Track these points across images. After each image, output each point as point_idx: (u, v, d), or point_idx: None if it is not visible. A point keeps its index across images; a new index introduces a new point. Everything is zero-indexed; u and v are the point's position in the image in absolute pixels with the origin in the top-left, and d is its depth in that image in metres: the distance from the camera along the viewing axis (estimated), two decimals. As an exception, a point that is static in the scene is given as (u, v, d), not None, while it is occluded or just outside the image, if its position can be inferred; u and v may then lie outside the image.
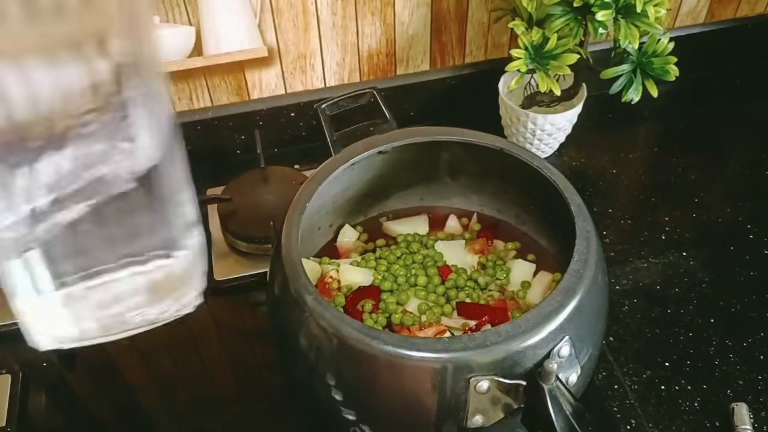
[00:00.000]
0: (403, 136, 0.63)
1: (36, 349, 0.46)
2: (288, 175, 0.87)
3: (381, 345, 0.46)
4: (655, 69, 0.77)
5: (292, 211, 0.56)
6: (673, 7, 1.01)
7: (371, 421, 0.50)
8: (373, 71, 0.95)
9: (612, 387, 0.68)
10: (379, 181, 0.69)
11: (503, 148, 0.61)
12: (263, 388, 0.71)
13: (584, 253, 0.51)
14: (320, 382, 0.50)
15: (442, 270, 0.64)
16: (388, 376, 0.47)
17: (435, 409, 0.47)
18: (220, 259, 0.81)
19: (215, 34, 0.84)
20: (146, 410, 0.69)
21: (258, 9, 0.84)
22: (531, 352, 0.46)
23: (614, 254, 0.80)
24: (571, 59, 0.77)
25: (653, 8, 0.73)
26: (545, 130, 0.88)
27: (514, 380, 0.45)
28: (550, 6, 0.76)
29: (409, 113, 1.00)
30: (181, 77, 0.88)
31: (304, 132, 0.97)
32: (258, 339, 0.75)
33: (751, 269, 0.79)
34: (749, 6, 1.04)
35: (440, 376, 0.45)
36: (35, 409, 0.69)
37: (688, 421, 0.65)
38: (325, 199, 0.65)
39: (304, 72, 0.92)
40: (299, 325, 0.50)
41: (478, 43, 0.97)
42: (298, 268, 0.51)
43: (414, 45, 0.94)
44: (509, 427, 0.49)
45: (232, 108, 0.93)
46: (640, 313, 0.74)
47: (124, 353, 0.74)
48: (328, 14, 0.87)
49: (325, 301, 0.49)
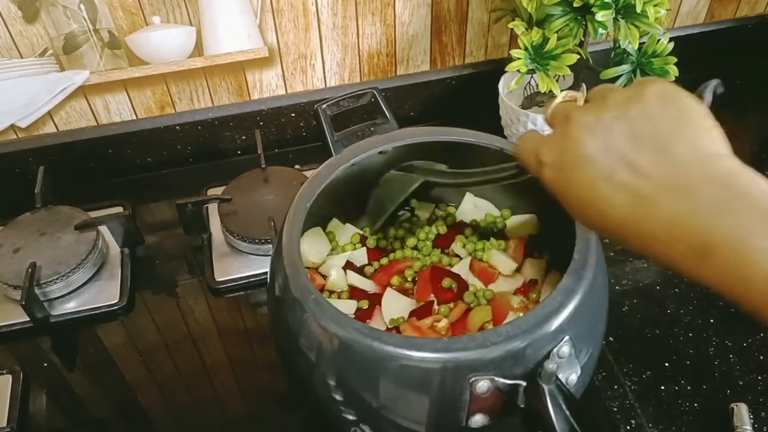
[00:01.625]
0: (403, 136, 0.63)
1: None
2: (288, 175, 0.88)
3: (381, 345, 0.46)
4: (654, 69, 0.77)
5: (292, 211, 0.56)
6: (673, 7, 1.01)
7: (371, 421, 0.50)
8: (373, 71, 0.95)
9: (612, 387, 0.68)
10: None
11: (503, 148, 0.61)
12: (263, 388, 0.71)
13: (584, 253, 0.51)
14: (320, 382, 0.50)
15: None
16: (388, 376, 0.47)
17: (435, 409, 0.47)
18: (220, 259, 0.81)
19: (216, 35, 0.84)
20: (146, 410, 0.69)
21: (258, 9, 0.84)
22: (531, 352, 0.46)
23: (614, 254, 0.80)
24: (570, 59, 0.77)
25: (653, 8, 0.73)
26: (545, 131, 0.88)
27: (514, 380, 0.45)
28: (550, 6, 0.76)
29: (410, 113, 1.00)
30: (182, 77, 0.88)
31: (304, 132, 0.97)
32: (258, 339, 0.75)
33: (751, 269, 0.79)
34: (749, 6, 1.04)
35: (440, 376, 0.45)
36: (36, 409, 0.69)
37: (688, 421, 0.65)
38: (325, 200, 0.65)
39: (305, 72, 0.92)
40: (300, 326, 0.50)
41: (478, 44, 0.97)
42: (298, 268, 0.51)
43: (414, 45, 0.94)
44: (509, 427, 0.49)
45: (233, 108, 0.93)
46: (640, 313, 0.74)
47: (124, 353, 0.74)
48: (329, 14, 0.87)
49: (326, 302, 0.49)
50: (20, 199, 0.83)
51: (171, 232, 0.86)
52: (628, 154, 0.37)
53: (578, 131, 0.39)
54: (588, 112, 0.40)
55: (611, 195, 0.37)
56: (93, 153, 0.91)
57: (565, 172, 0.39)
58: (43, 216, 0.82)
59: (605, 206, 0.37)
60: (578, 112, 0.40)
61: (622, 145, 0.37)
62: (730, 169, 0.35)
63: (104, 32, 0.81)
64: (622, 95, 0.39)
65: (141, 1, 0.79)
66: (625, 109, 0.38)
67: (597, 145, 0.38)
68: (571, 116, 0.40)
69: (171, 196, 0.87)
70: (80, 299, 0.78)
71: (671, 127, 0.37)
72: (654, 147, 0.36)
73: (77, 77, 0.84)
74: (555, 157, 0.40)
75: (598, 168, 0.37)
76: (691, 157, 0.35)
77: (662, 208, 0.35)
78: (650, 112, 0.38)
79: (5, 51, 0.79)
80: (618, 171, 0.37)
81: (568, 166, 0.39)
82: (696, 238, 0.33)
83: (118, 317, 0.77)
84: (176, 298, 0.79)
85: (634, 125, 0.38)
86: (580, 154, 0.38)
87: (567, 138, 0.40)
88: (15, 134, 0.88)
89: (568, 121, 0.40)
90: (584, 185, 0.38)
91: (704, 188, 0.34)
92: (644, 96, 0.38)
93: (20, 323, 0.75)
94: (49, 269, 0.76)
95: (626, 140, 0.37)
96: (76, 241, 0.79)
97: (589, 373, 0.54)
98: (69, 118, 0.88)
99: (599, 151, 0.38)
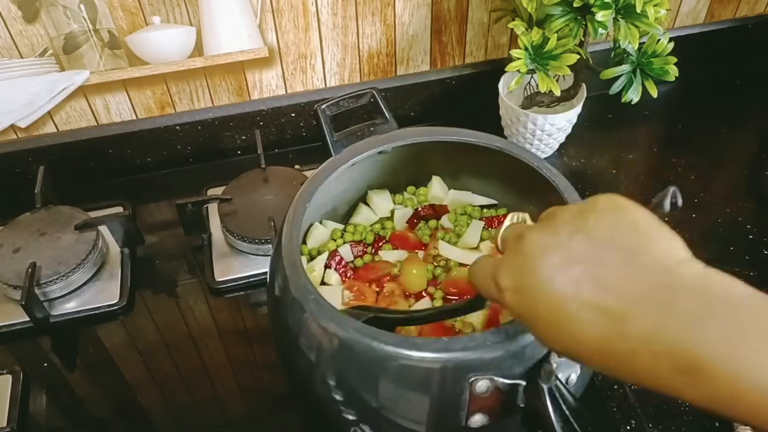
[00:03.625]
0: (403, 136, 0.63)
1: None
2: (288, 175, 0.88)
3: (381, 345, 0.46)
4: (654, 69, 0.77)
5: (292, 212, 0.56)
6: (673, 7, 1.01)
7: (371, 421, 0.50)
8: (373, 71, 0.95)
9: (612, 387, 0.68)
10: (380, 181, 0.69)
11: (503, 148, 0.61)
12: (263, 388, 0.71)
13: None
14: (320, 382, 0.50)
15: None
16: (388, 376, 0.47)
17: (435, 409, 0.47)
18: (220, 259, 0.81)
19: (216, 35, 0.84)
20: (146, 410, 0.69)
21: (258, 9, 0.84)
22: (530, 352, 0.46)
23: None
24: (570, 59, 0.77)
25: (653, 8, 0.73)
26: (545, 131, 0.88)
27: (513, 380, 0.45)
28: (550, 6, 0.76)
29: (410, 113, 1.00)
30: (182, 77, 0.88)
31: (304, 132, 0.97)
32: (258, 339, 0.75)
33: (751, 269, 0.79)
34: (749, 6, 1.04)
35: (440, 376, 0.45)
36: (36, 409, 0.69)
37: (688, 421, 0.65)
38: (325, 200, 0.66)
39: (305, 72, 0.93)
40: (299, 326, 0.50)
41: (478, 44, 0.97)
42: (298, 268, 0.51)
43: (414, 45, 0.94)
44: (509, 426, 0.49)
45: (233, 108, 0.93)
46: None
47: (124, 353, 0.74)
48: (329, 14, 0.87)
49: (326, 302, 0.49)
50: (20, 199, 0.83)
51: (171, 232, 0.86)
52: (591, 267, 0.34)
53: (535, 249, 0.37)
54: (543, 229, 0.38)
55: (580, 313, 0.34)
56: (93, 153, 0.91)
57: (528, 294, 0.36)
58: (43, 216, 0.82)
59: (576, 327, 0.34)
60: (531, 230, 0.38)
61: (582, 259, 0.35)
62: (699, 274, 0.33)
63: (104, 32, 0.81)
64: (575, 210, 0.38)
65: (141, 1, 0.79)
66: (581, 223, 0.36)
67: (557, 262, 0.35)
68: (524, 235, 0.38)
69: (171, 196, 0.87)
70: (80, 299, 0.78)
71: (631, 237, 0.35)
72: (616, 258, 0.34)
73: (77, 77, 0.84)
74: (515, 280, 0.38)
75: (561, 285, 0.35)
76: (656, 266, 0.33)
77: (637, 321, 0.32)
78: (607, 224, 0.36)
79: (5, 51, 0.79)
80: (583, 287, 0.34)
81: (530, 287, 0.36)
82: (680, 353, 0.30)
83: (118, 317, 0.77)
84: (176, 298, 0.79)
85: (593, 238, 0.35)
86: (540, 273, 0.36)
87: (524, 258, 0.37)
88: (15, 134, 0.88)
89: (522, 241, 0.38)
90: (550, 306, 0.35)
91: (678, 296, 0.32)
92: (597, 209, 0.37)
93: (20, 323, 0.75)
94: (49, 269, 0.76)
95: (586, 254, 0.35)
96: (76, 241, 0.79)
97: (589, 373, 0.54)
98: (69, 118, 0.88)
99: (560, 267, 0.35)
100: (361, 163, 0.62)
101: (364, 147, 0.62)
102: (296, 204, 0.57)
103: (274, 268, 0.55)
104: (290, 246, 0.53)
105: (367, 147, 0.62)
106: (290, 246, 0.53)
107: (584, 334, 0.34)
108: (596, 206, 0.37)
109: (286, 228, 0.55)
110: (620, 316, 0.33)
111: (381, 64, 0.95)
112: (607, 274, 0.34)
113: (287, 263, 0.52)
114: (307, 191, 0.58)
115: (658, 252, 0.34)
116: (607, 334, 0.33)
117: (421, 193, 0.70)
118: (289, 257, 0.52)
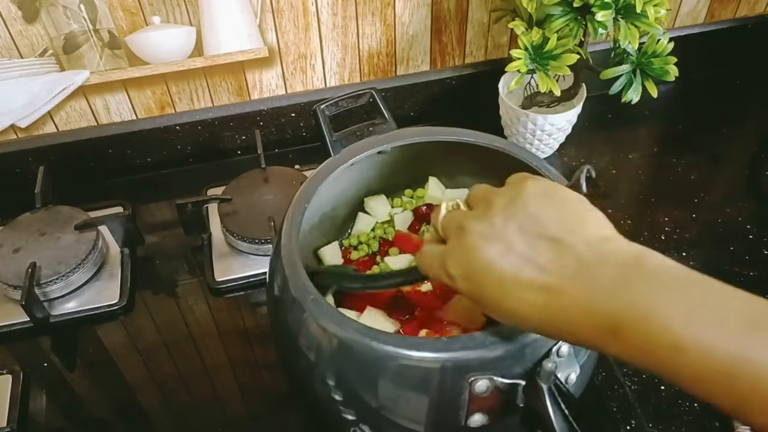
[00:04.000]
0: (402, 136, 0.63)
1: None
2: (288, 175, 0.88)
3: (381, 345, 0.46)
4: (654, 69, 0.77)
5: (292, 211, 0.56)
6: (673, 7, 1.01)
7: (371, 421, 0.50)
8: (373, 71, 0.95)
9: (612, 387, 0.68)
10: (379, 181, 0.69)
11: (503, 148, 0.61)
12: (263, 388, 0.71)
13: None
14: (320, 382, 0.50)
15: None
16: (387, 376, 0.47)
17: (434, 408, 0.47)
18: (220, 259, 0.81)
19: (216, 35, 0.84)
20: (146, 410, 0.69)
21: (258, 9, 0.84)
22: (530, 351, 0.46)
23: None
24: (570, 59, 0.77)
25: (653, 8, 0.73)
26: (545, 131, 0.88)
27: (513, 380, 0.45)
28: (550, 6, 0.76)
29: (409, 113, 1.00)
30: (182, 77, 0.88)
31: (304, 132, 0.97)
32: (258, 339, 0.75)
33: (751, 269, 0.79)
34: (749, 6, 1.04)
35: (439, 375, 0.45)
36: (36, 409, 0.69)
37: (688, 421, 0.65)
38: (325, 199, 0.65)
39: (305, 72, 0.93)
40: (299, 326, 0.50)
41: (478, 44, 0.97)
42: (298, 268, 0.51)
43: (414, 45, 0.94)
44: (508, 426, 0.49)
45: (233, 108, 0.93)
46: (639, 313, 0.74)
47: (124, 353, 0.74)
48: (329, 14, 0.87)
49: (325, 302, 0.49)
50: (20, 199, 0.83)
51: (171, 232, 0.86)
52: (526, 252, 0.39)
53: (476, 240, 0.40)
54: (480, 220, 0.41)
55: (523, 294, 0.38)
56: (93, 153, 0.91)
57: (475, 280, 0.41)
58: (43, 216, 0.82)
59: (520, 305, 0.39)
60: (470, 221, 0.42)
61: (518, 245, 0.39)
62: (619, 249, 0.37)
63: (104, 32, 0.81)
64: (505, 197, 0.41)
65: (141, 1, 0.80)
66: (512, 211, 0.40)
67: (497, 250, 0.40)
68: (465, 226, 0.42)
69: (171, 196, 0.87)
70: (80, 299, 0.78)
71: (558, 219, 0.39)
72: (548, 241, 0.39)
73: (77, 77, 0.84)
74: (462, 268, 0.41)
75: (503, 271, 0.39)
76: (583, 244, 0.38)
77: (572, 296, 0.37)
78: (536, 209, 0.40)
79: (5, 51, 0.79)
80: (522, 270, 0.39)
81: (477, 274, 0.40)
82: (605, 319, 0.35)
83: (118, 317, 0.77)
84: (176, 298, 0.79)
85: (525, 224, 0.40)
86: (483, 262, 0.40)
87: (467, 248, 0.41)
88: (15, 134, 0.88)
89: (464, 232, 0.41)
90: (496, 290, 0.40)
91: (602, 270, 0.36)
92: (525, 195, 0.41)
93: (20, 323, 0.75)
94: (49, 269, 0.76)
95: (521, 239, 0.39)
96: (76, 241, 0.79)
97: (589, 373, 0.54)
98: (69, 118, 0.88)
99: (500, 254, 0.39)
100: (361, 163, 0.62)
101: (363, 147, 0.62)
102: (296, 204, 0.57)
103: (273, 268, 0.55)
104: (289, 246, 0.53)
105: (366, 147, 0.62)
106: (289, 246, 0.53)
107: (528, 310, 0.39)
108: (524, 192, 0.41)
109: (286, 228, 0.55)
110: (557, 292, 0.37)
111: (381, 64, 0.95)
112: (541, 257, 0.38)
113: (286, 263, 0.52)
114: (306, 191, 0.58)
115: (585, 231, 0.39)
116: (551, 311, 0.38)
117: (418, 195, 0.70)
118: (288, 257, 0.52)
